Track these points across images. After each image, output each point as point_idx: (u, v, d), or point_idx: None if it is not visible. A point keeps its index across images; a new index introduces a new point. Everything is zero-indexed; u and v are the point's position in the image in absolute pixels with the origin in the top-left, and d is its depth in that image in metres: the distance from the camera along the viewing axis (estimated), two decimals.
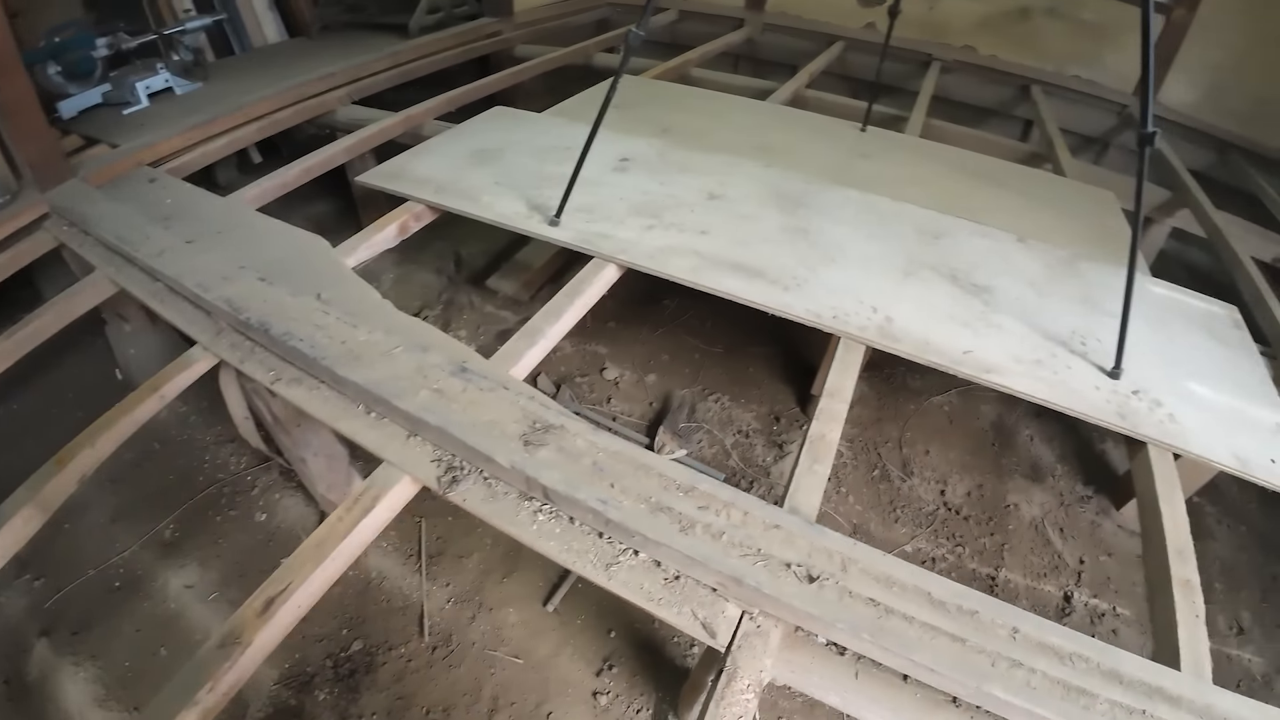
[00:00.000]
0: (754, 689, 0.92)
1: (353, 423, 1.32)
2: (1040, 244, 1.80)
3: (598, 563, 1.03)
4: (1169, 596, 1.16)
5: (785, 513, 1.01)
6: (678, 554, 0.95)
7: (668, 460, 1.06)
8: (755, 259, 1.56)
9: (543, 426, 1.12)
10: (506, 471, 1.09)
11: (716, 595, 0.98)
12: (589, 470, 1.05)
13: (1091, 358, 1.50)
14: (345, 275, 1.64)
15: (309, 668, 1.72)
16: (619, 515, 0.98)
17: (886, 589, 0.94)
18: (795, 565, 0.94)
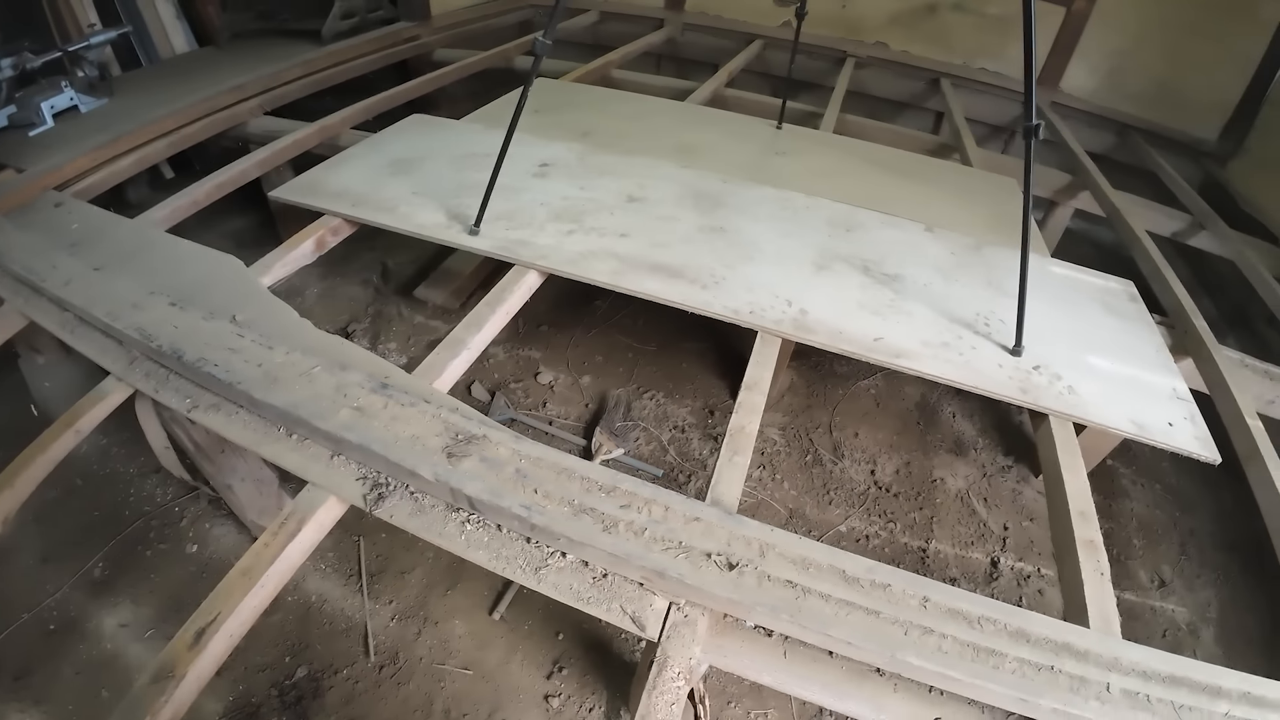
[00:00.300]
0: (684, 676, 0.95)
1: (275, 446, 1.30)
2: (947, 232, 1.89)
3: (527, 567, 1.04)
4: (1074, 557, 1.24)
5: (705, 505, 1.05)
6: (603, 553, 0.98)
7: (588, 463, 1.09)
8: (674, 259, 1.59)
9: (465, 438, 1.13)
10: (431, 485, 1.09)
11: (643, 589, 1.01)
12: (512, 478, 1.06)
13: (995, 338, 1.59)
14: (261, 295, 1.61)
15: (254, 698, 1.69)
16: (543, 520, 1.00)
17: (803, 570, 0.99)
18: (715, 555, 0.98)
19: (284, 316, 1.54)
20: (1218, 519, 2.26)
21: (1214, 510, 2.28)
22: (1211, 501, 2.31)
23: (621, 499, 1.04)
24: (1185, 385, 1.69)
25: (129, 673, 1.64)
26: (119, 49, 2.97)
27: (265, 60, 2.80)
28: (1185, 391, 1.66)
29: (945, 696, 1.12)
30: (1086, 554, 1.25)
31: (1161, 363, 1.72)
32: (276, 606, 1.84)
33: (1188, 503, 2.30)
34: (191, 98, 2.48)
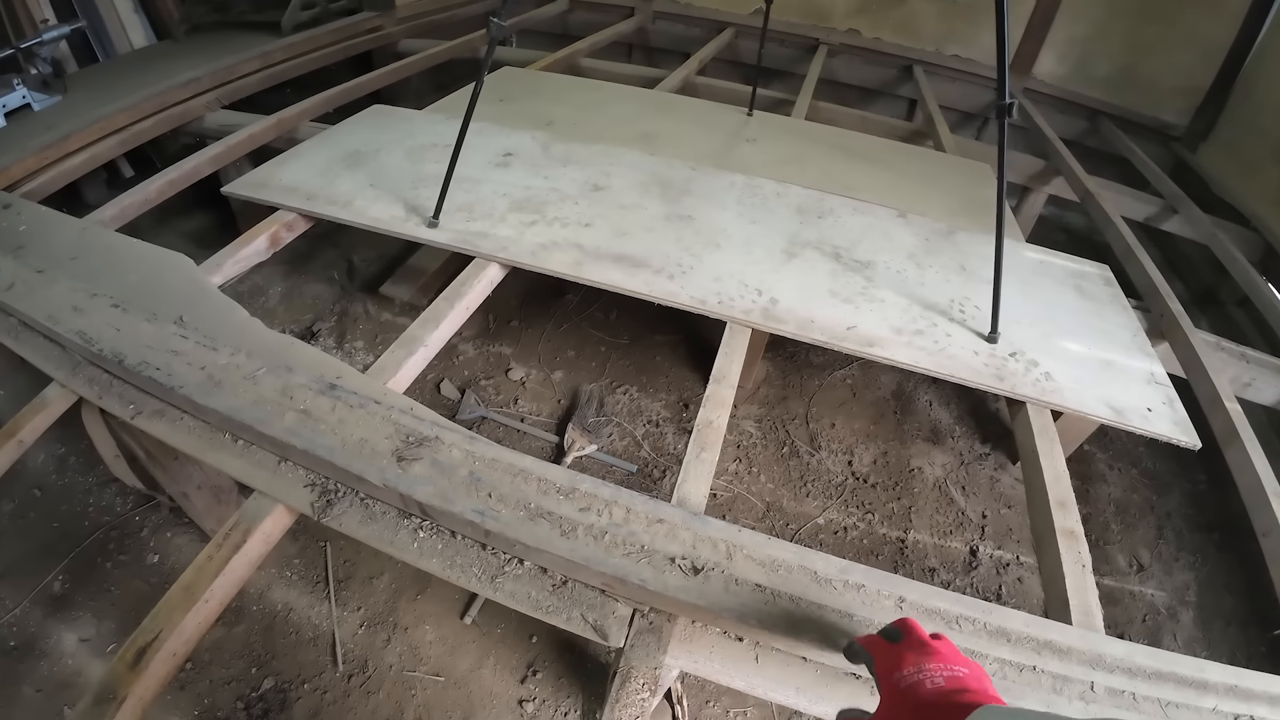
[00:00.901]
0: (649, 687, 0.89)
1: (220, 453, 1.23)
2: (919, 218, 1.84)
3: (483, 576, 0.98)
4: (1054, 548, 1.20)
5: (669, 506, 0.99)
6: (560, 559, 0.91)
7: (546, 464, 1.02)
8: (639, 249, 1.52)
9: (416, 440, 1.06)
10: (380, 490, 1.02)
11: (606, 596, 0.95)
12: (465, 481, 0.99)
13: (970, 324, 1.54)
14: (210, 294, 1.52)
15: (219, 713, 1.61)
16: (497, 525, 0.93)
17: (772, 572, 0.93)
18: (680, 559, 0.92)
19: (233, 317, 1.46)
20: (1194, 501, 2.25)
21: (1190, 492, 2.26)
22: (1187, 484, 2.30)
23: (580, 501, 0.97)
24: (1163, 369, 1.65)
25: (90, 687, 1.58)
26: (75, 44, 2.84)
27: (223, 53, 2.68)
28: (1163, 376, 1.63)
29: None
30: (1067, 545, 1.20)
31: (1139, 346, 1.68)
32: (241, 617, 1.76)
33: (1164, 486, 2.28)
34: (144, 93, 2.37)
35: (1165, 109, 3.37)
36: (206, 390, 1.23)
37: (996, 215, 1.44)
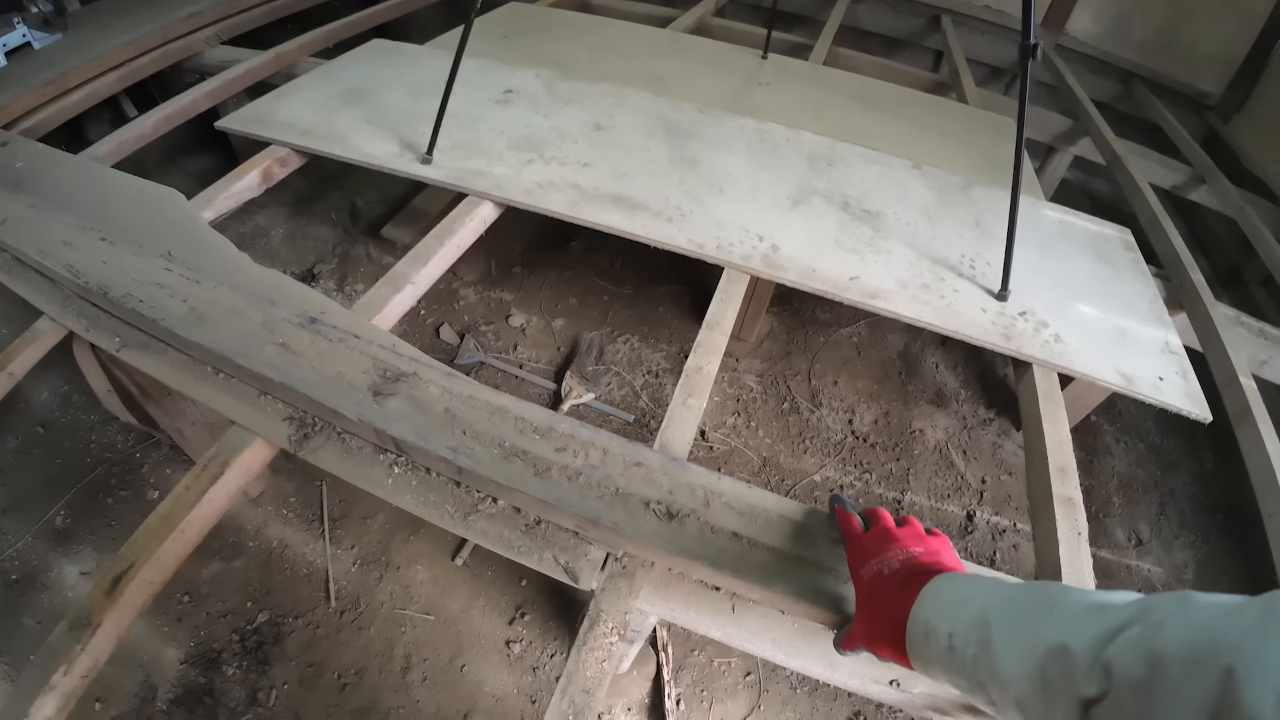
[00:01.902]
0: (619, 632, 0.86)
1: (202, 385, 1.20)
2: (935, 171, 1.75)
3: (456, 513, 0.95)
4: (1050, 515, 1.15)
5: (647, 450, 0.94)
6: (533, 499, 0.88)
7: (525, 403, 0.98)
8: (639, 191, 1.45)
9: (394, 375, 1.02)
10: (356, 425, 0.99)
11: (579, 539, 0.92)
12: (440, 418, 0.96)
13: (980, 281, 1.46)
14: (200, 229, 1.48)
15: (215, 644, 1.63)
16: (470, 463, 0.90)
17: (750, 521, 0.89)
18: (655, 503, 0.88)
19: (222, 251, 1.42)
20: (1199, 481, 2.18)
21: (1196, 472, 2.20)
22: (1194, 463, 2.23)
23: (557, 441, 0.93)
24: (1178, 339, 1.57)
25: None
26: None
27: None
28: (1178, 345, 1.55)
29: None
30: (1064, 512, 1.15)
31: (1155, 315, 1.60)
32: (238, 553, 1.77)
33: (1170, 463, 2.21)
34: (145, 28, 2.29)
35: (1201, 77, 3.18)
36: (189, 323, 1.20)
37: (1014, 162, 1.36)
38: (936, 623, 0.61)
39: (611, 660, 0.84)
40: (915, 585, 0.67)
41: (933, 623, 0.62)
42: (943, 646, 0.59)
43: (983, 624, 0.56)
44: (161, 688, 1.58)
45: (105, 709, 1.53)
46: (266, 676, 1.60)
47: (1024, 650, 0.51)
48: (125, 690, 1.56)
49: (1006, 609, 0.56)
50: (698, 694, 1.60)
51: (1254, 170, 2.81)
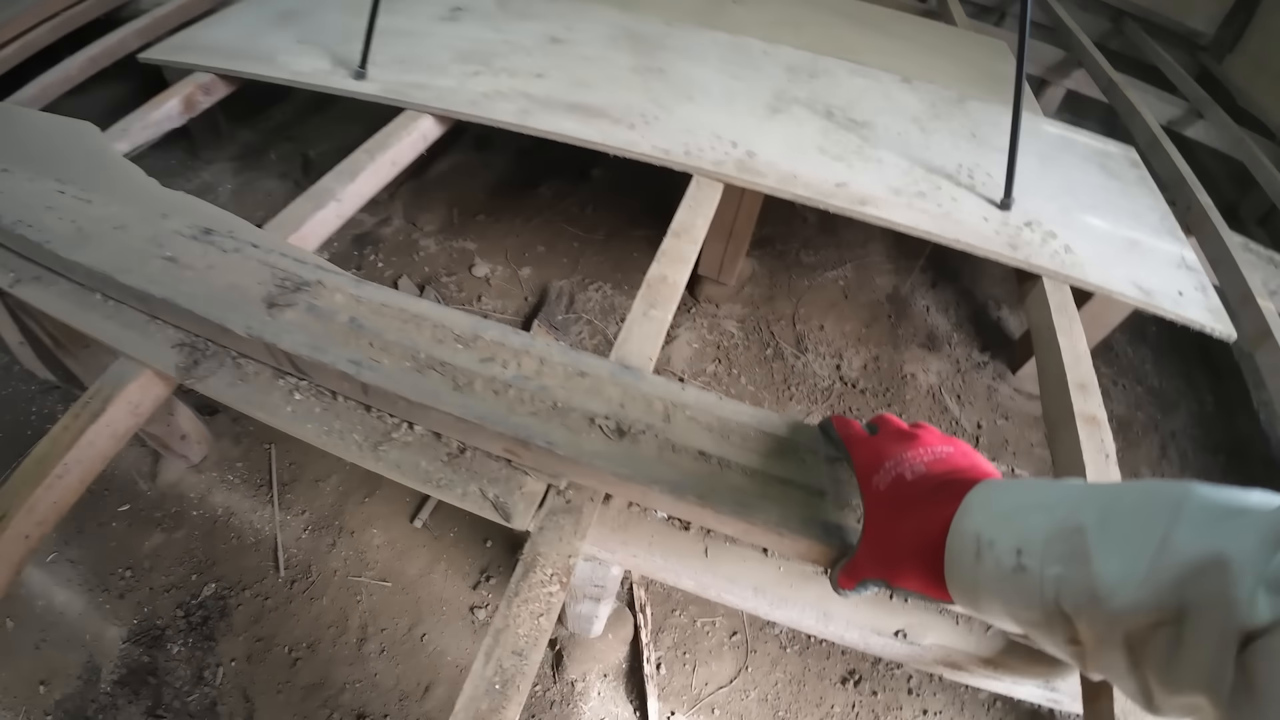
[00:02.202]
0: (559, 579, 0.67)
1: (89, 315, 0.99)
2: (926, 85, 1.54)
3: (365, 443, 0.75)
4: (1073, 436, 0.97)
5: (594, 358, 0.75)
6: (450, 418, 0.68)
7: (449, 309, 0.78)
8: (597, 100, 1.25)
9: (293, 285, 0.82)
10: (246, 342, 0.79)
11: (513, 468, 0.72)
12: (344, 329, 0.75)
13: (980, 191, 1.27)
14: (108, 157, 1.27)
15: (159, 621, 1.44)
16: (374, 377, 0.70)
17: (721, 438, 0.69)
18: (602, 418, 0.68)
19: (131, 177, 1.21)
20: (1200, 423, 2.01)
21: (1196, 414, 2.03)
22: (1194, 404, 2.06)
23: (483, 351, 0.73)
24: (1194, 254, 1.39)
25: (32, 600, 1.42)
26: None
27: None
28: (1195, 261, 1.38)
29: (910, 604, 0.85)
30: (1088, 432, 0.97)
31: (1168, 229, 1.42)
32: (180, 523, 1.57)
33: (1169, 404, 2.04)
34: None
35: (1193, 15, 3.00)
36: (74, 243, 0.99)
37: (1018, 55, 1.16)
38: (994, 535, 0.44)
39: (550, 615, 0.65)
40: (953, 492, 0.49)
41: (988, 535, 0.45)
42: (1006, 566, 0.43)
43: (1071, 534, 0.40)
44: (105, 668, 1.40)
45: (50, 691, 1.35)
46: (213, 653, 1.42)
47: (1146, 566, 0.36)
48: (69, 671, 1.38)
49: (1109, 514, 0.40)
50: (680, 657, 1.42)
51: (1249, 108, 2.65)
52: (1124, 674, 0.38)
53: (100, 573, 1.50)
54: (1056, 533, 0.41)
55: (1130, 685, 0.39)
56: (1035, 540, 0.42)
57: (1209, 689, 0.33)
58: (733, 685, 1.40)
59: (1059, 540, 0.41)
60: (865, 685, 1.43)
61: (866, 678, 1.44)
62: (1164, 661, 0.35)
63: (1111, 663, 0.39)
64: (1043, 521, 0.43)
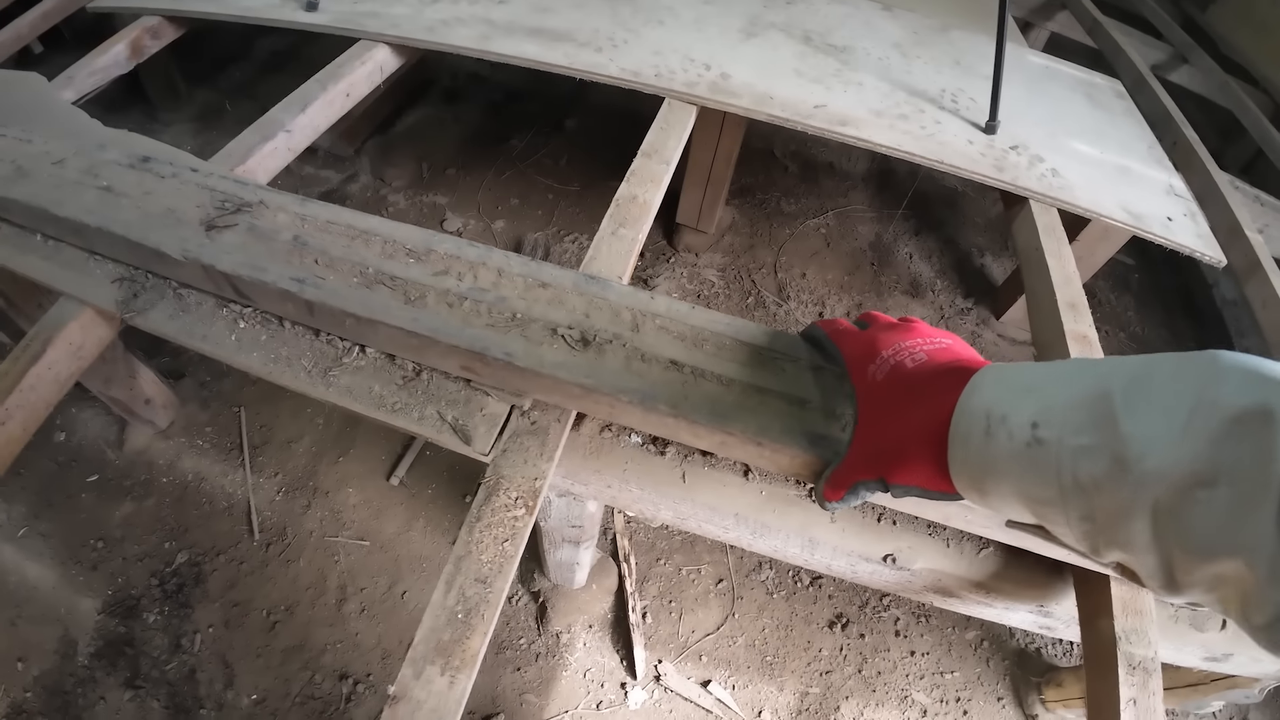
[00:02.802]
0: (525, 504, 0.62)
1: (28, 257, 0.92)
2: (907, 13, 1.48)
3: (314, 370, 0.69)
4: (1065, 354, 0.93)
5: (555, 268, 0.69)
6: (401, 333, 0.62)
7: (399, 224, 0.71)
8: (561, 24, 1.17)
9: (234, 206, 0.75)
10: (182, 268, 0.72)
11: (472, 389, 0.67)
12: (287, 247, 0.69)
13: (964, 115, 1.22)
14: (57, 105, 1.19)
15: (133, 591, 1.41)
16: (318, 294, 0.64)
17: (693, 347, 0.64)
18: (565, 329, 0.63)
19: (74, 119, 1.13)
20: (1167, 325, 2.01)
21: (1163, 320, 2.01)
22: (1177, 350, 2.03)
23: (436, 264, 0.67)
24: (1183, 183, 1.36)
25: (4, 576, 1.38)
26: None
27: None
28: (1184, 189, 1.34)
29: (899, 527, 0.81)
30: (1080, 350, 0.93)
31: (1156, 159, 1.38)
32: (149, 490, 1.52)
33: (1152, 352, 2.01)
34: None
35: None
36: (10, 181, 0.92)
37: None
38: (1007, 410, 0.41)
39: (515, 540, 0.60)
40: (959, 377, 0.46)
41: (1000, 410, 0.42)
42: (1020, 440, 0.40)
43: (1096, 400, 0.38)
44: (81, 641, 1.36)
45: (28, 668, 1.32)
46: (189, 620, 1.38)
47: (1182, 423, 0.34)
48: (45, 647, 1.34)
49: (1138, 379, 0.37)
50: (665, 605, 1.39)
51: (1232, 55, 2.60)
52: (1145, 548, 0.36)
53: (71, 545, 1.45)
54: (1079, 401, 0.38)
55: (1150, 560, 0.36)
56: (1054, 410, 0.39)
57: (1248, 550, 0.30)
58: (720, 632, 1.38)
59: (1081, 408, 0.38)
60: (853, 628, 1.41)
61: (854, 621, 1.42)
62: (1196, 527, 0.33)
63: (1131, 536, 0.36)
64: (1062, 392, 0.40)
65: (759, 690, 1.32)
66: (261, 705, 1.29)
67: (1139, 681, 0.67)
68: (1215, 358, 0.35)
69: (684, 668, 1.33)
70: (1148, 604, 0.75)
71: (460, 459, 1.57)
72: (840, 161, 2.13)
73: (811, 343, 0.66)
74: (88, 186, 0.86)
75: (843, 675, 1.36)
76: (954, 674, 1.38)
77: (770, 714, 1.30)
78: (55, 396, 0.87)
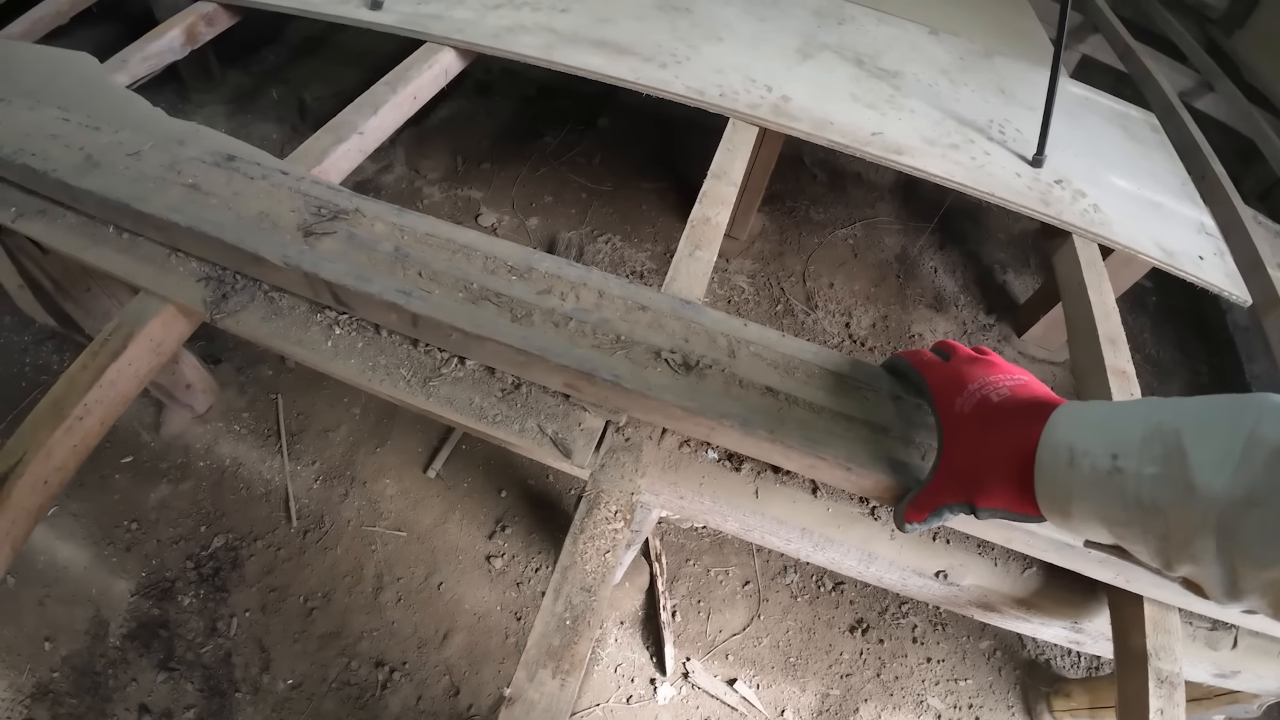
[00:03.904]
0: (624, 517, 0.65)
1: (101, 249, 0.93)
2: (951, 37, 1.51)
3: (413, 379, 0.72)
4: (1104, 387, 0.97)
5: (653, 292, 0.72)
6: (509, 350, 0.65)
7: (496, 239, 0.74)
8: (624, 36, 1.19)
9: (330, 213, 0.77)
10: (281, 272, 0.74)
11: (570, 404, 0.70)
12: (389, 258, 0.72)
13: (1011, 146, 1.26)
14: (108, 87, 1.20)
15: (168, 573, 1.42)
16: (426, 308, 0.66)
17: (786, 374, 0.67)
18: (668, 352, 0.66)
19: (133, 105, 1.13)
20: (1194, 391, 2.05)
21: (1190, 383, 2.07)
22: (1189, 374, 2.10)
23: (539, 283, 0.70)
24: (1213, 220, 1.40)
25: (34, 556, 1.38)
26: None
27: None
28: (1214, 227, 1.40)
29: (951, 545, 0.85)
30: (1119, 385, 0.97)
31: (1188, 195, 1.43)
32: (186, 474, 1.53)
33: (1166, 373, 2.08)
34: None
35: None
36: (82, 171, 0.93)
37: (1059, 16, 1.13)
38: (1088, 444, 0.48)
39: (616, 551, 0.63)
40: (1038, 411, 0.52)
41: (1082, 445, 0.48)
42: (1102, 469, 0.47)
43: (1166, 436, 0.44)
44: (113, 622, 1.37)
45: (55, 648, 1.32)
46: (226, 604, 1.40)
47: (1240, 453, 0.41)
48: (75, 627, 1.35)
49: (1201, 416, 0.44)
50: (694, 604, 1.43)
51: (1256, 84, 2.63)
52: (1211, 559, 0.42)
53: (105, 526, 1.46)
54: (1153, 435, 0.45)
55: (1216, 571, 0.42)
56: (1131, 443, 0.46)
57: None
58: (745, 632, 1.42)
59: (1155, 442, 0.44)
60: (873, 634, 1.46)
61: (874, 626, 1.47)
62: (1252, 542, 0.39)
63: (1202, 550, 0.42)
64: (1137, 427, 0.46)
65: (782, 690, 1.37)
66: (298, 690, 1.32)
67: (1166, 694, 0.72)
68: (1266, 400, 0.42)
69: (711, 666, 1.37)
70: (1174, 623, 0.80)
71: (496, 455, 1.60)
72: (868, 172, 2.16)
73: (894, 373, 0.70)
74: (172, 183, 0.88)
75: (862, 678, 1.40)
76: (968, 681, 1.43)
77: (793, 713, 1.34)
78: (133, 392, 0.89)
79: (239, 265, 0.81)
